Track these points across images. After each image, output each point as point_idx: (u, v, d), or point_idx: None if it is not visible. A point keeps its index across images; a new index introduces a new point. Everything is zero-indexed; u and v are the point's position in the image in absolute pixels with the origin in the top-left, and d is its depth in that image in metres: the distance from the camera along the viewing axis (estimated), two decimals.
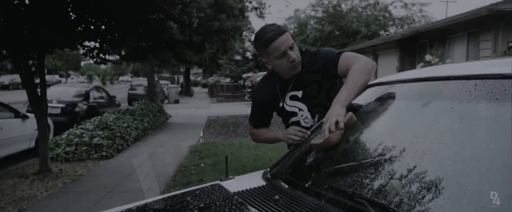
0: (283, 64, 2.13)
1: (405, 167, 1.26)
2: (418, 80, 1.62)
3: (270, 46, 2.09)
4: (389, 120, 1.57)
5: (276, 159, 5.30)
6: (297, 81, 2.24)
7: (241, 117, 15.13)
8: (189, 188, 1.79)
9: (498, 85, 1.21)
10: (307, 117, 2.30)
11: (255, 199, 1.38)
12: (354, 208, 1.16)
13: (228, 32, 13.68)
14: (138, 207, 1.52)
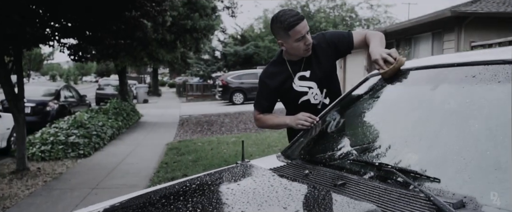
0: (300, 46, 2.35)
1: (419, 141, 1.44)
2: (419, 68, 1.81)
3: (292, 30, 2.28)
4: (397, 104, 1.75)
5: (257, 154, 5.43)
6: (306, 62, 2.46)
7: (214, 115, 15.21)
8: (220, 168, 1.91)
9: (500, 69, 1.41)
10: (316, 94, 2.52)
11: (288, 174, 1.53)
12: (383, 176, 1.32)
13: (201, 31, 13.70)
14: (179, 185, 1.63)
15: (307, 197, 1.24)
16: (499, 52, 1.63)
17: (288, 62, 2.49)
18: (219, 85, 20.40)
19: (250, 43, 26.84)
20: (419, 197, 1.13)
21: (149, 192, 1.64)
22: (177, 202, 1.34)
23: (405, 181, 1.24)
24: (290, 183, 1.40)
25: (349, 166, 1.49)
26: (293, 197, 1.24)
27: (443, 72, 1.62)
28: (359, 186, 1.29)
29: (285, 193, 1.28)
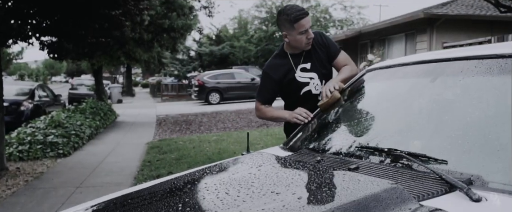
0: (303, 39, 2.53)
1: (422, 128, 1.57)
2: (414, 63, 1.95)
3: (298, 23, 2.47)
4: (398, 95, 1.88)
5: (240, 151, 5.49)
6: (306, 55, 2.64)
7: (191, 115, 15.19)
8: (230, 158, 1.99)
9: (495, 62, 1.55)
10: (317, 84, 2.68)
11: (302, 159, 1.63)
12: (393, 161, 1.44)
13: (178, 30, 13.68)
14: (199, 172, 1.70)
15: (330, 177, 1.34)
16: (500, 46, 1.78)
17: (290, 55, 2.65)
18: (195, 85, 20.36)
19: (225, 43, 26.86)
20: (430, 176, 1.25)
21: (172, 179, 1.71)
22: (205, 187, 1.42)
23: (415, 163, 1.36)
24: (309, 166, 1.50)
25: (358, 152, 1.60)
26: (318, 177, 1.34)
27: (440, 66, 1.75)
28: (372, 169, 1.40)
29: (308, 175, 1.38)
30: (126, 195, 1.69)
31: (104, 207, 1.57)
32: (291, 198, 1.15)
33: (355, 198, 1.09)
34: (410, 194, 1.12)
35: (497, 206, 1.07)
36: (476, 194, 1.10)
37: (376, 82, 2.06)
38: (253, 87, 20.47)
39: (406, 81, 1.88)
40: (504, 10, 5.54)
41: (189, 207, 1.25)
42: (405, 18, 13.46)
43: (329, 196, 1.16)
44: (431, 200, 1.12)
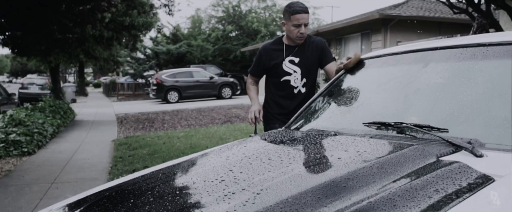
0: (294, 32, 2.92)
1: (417, 99, 1.84)
2: (403, 52, 2.23)
3: (294, 15, 2.88)
4: (392, 79, 2.14)
5: (211, 145, 5.69)
6: (298, 50, 3.02)
7: (152, 113, 15.07)
8: (256, 135, 2.18)
9: (477, 50, 1.84)
10: (298, 79, 3.07)
11: (318, 136, 1.85)
12: (401, 132, 1.68)
13: (139, 28, 13.58)
14: (232, 149, 1.88)
15: (356, 144, 1.56)
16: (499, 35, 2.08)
17: (285, 46, 3.03)
18: (153, 83, 20.15)
19: (183, 42, 26.72)
20: (438, 141, 1.51)
21: (207, 154, 1.87)
22: (251, 160, 1.61)
23: (420, 133, 1.61)
24: (331, 139, 1.73)
25: (367, 127, 1.84)
26: (345, 145, 1.56)
27: (430, 54, 2.03)
28: (387, 138, 1.64)
29: (335, 144, 1.61)
30: (144, 177, 1.82)
31: (120, 189, 1.67)
32: (335, 160, 1.37)
33: (387, 156, 1.33)
34: (429, 152, 1.36)
35: (495, 159, 1.34)
36: (479, 151, 1.37)
37: (370, 69, 2.32)
38: (212, 86, 20.59)
39: (400, 68, 2.15)
40: (457, 12, 6.04)
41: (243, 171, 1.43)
42: (361, 19, 14.08)
43: (365, 156, 1.39)
44: (444, 157, 1.37)
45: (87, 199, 1.62)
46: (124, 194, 1.56)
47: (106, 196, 1.59)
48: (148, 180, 1.64)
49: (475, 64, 1.82)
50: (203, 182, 1.38)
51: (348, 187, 1.16)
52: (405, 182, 1.17)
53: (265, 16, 28.46)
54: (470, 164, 1.28)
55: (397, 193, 1.10)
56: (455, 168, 1.24)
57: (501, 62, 1.77)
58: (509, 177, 1.19)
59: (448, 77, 1.87)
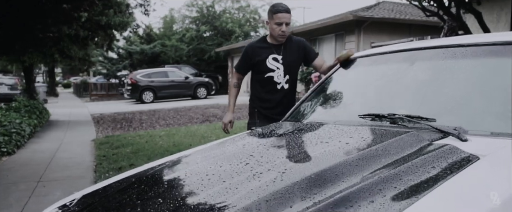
0: (276, 30, 3.17)
1: (406, 93, 2.08)
2: (392, 52, 2.46)
3: (276, 14, 3.14)
4: (383, 75, 2.37)
5: (196, 143, 5.86)
6: (281, 49, 3.28)
7: (128, 113, 15.02)
8: (257, 129, 2.36)
9: (457, 50, 2.09)
10: (280, 75, 3.30)
11: (322, 126, 2.05)
12: (394, 122, 1.91)
13: (115, 27, 13.52)
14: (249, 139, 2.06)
15: (357, 131, 1.78)
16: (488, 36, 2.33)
17: (269, 44, 3.28)
18: (127, 83, 20.02)
19: (157, 42, 26.60)
20: (428, 129, 1.74)
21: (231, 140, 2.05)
22: (266, 147, 1.80)
23: (411, 123, 1.84)
24: (334, 127, 1.93)
25: (362, 118, 2.06)
26: (348, 133, 1.77)
27: (416, 53, 2.28)
28: (385, 128, 1.86)
29: (338, 132, 1.82)
30: (169, 163, 1.99)
31: (152, 173, 1.84)
32: (344, 144, 1.58)
33: (389, 140, 1.55)
34: (423, 137, 1.59)
35: (477, 142, 1.57)
36: (464, 136, 1.61)
37: (362, 67, 2.55)
38: (187, 86, 20.61)
39: (389, 65, 2.39)
40: (429, 14, 6.39)
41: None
42: (335, 20, 14.46)
43: (369, 141, 1.60)
44: (436, 142, 1.60)
45: (122, 181, 1.77)
46: (160, 176, 1.72)
47: (140, 179, 1.75)
48: (176, 165, 1.81)
49: (456, 63, 2.07)
50: (229, 166, 1.56)
51: (359, 166, 1.37)
52: (407, 160, 1.40)
53: (239, 17, 28.66)
54: (458, 146, 1.51)
55: (401, 169, 1.32)
56: (447, 149, 1.47)
57: (478, 60, 2.03)
58: (491, 156, 1.43)
59: (433, 74, 2.12)
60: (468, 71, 2.00)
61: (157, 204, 1.38)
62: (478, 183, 1.29)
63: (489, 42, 2.09)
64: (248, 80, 3.52)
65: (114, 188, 1.76)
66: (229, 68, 24.17)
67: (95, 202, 1.67)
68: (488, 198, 1.18)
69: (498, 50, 2.02)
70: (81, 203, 1.71)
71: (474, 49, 2.06)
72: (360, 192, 1.19)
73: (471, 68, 1.99)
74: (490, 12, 7.33)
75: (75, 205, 1.70)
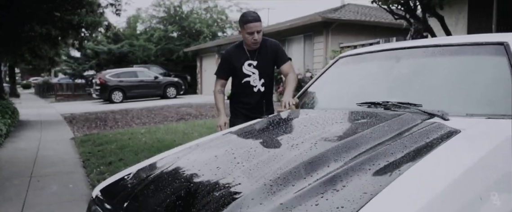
0: (249, 39, 3.36)
1: (394, 85, 2.51)
2: (382, 51, 2.90)
3: (247, 24, 3.31)
4: (371, 71, 2.80)
5: (178, 140, 6.20)
6: (257, 55, 3.49)
7: (100, 113, 15.00)
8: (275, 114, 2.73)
9: (435, 49, 2.54)
10: (256, 79, 3.54)
11: (330, 111, 2.45)
12: (387, 108, 2.33)
13: (87, 27, 13.50)
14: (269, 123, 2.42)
15: (361, 114, 2.18)
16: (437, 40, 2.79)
17: (244, 50, 3.49)
18: (96, 83, 19.87)
19: (125, 42, 26.42)
20: (417, 112, 2.16)
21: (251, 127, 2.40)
22: (293, 127, 2.17)
23: (403, 107, 2.27)
24: (342, 112, 2.33)
25: (360, 105, 2.48)
26: (359, 115, 2.18)
27: (400, 52, 2.72)
28: (384, 112, 2.28)
29: (350, 114, 2.22)
30: (205, 144, 2.33)
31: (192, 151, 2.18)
32: (357, 123, 1.98)
33: (391, 119, 1.96)
34: (415, 117, 2.02)
35: (457, 121, 2.00)
36: (446, 116, 2.04)
37: (353, 64, 2.98)
38: (156, 86, 20.68)
39: (377, 62, 2.82)
40: (397, 17, 6.95)
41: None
42: (304, 21, 14.99)
43: (376, 120, 2.01)
44: (426, 120, 2.03)
45: (162, 161, 2.10)
46: (195, 155, 2.06)
47: (179, 159, 2.08)
48: (215, 142, 2.16)
49: (434, 59, 2.53)
50: (267, 142, 1.93)
51: (373, 138, 1.77)
52: (408, 133, 1.81)
53: (207, 17, 28.88)
54: (443, 123, 1.94)
55: (405, 139, 1.74)
56: (436, 125, 1.90)
57: (452, 58, 2.49)
58: (468, 130, 1.86)
59: (416, 69, 2.57)
60: (445, 66, 2.46)
61: (203, 174, 1.73)
62: (462, 147, 1.72)
63: (460, 43, 2.57)
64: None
65: (159, 166, 2.08)
66: (198, 68, 24.37)
67: (149, 176, 1.99)
68: (469, 156, 1.61)
69: (467, 50, 2.50)
70: (137, 176, 2.03)
71: (449, 48, 2.52)
72: (378, 155, 1.59)
73: (447, 64, 2.45)
74: (450, 16, 7.99)
75: (132, 178, 2.01)
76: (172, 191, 1.68)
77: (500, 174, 1.63)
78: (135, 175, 2.06)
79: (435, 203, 1.32)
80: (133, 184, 1.96)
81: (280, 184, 1.48)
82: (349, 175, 1.48)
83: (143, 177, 1.98)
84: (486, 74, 2.33)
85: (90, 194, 4.64)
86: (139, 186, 1.87)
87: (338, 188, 1.41)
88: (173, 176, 1.86)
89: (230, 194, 1.47)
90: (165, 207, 1.57)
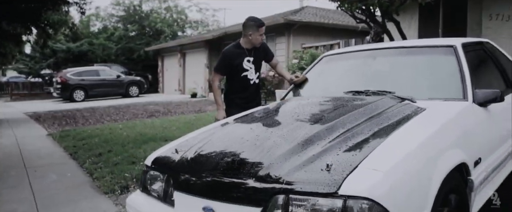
0: (259, 39, 4.03)
1: (373, 78, 3.22)
2: (360, 51, 3.61)
3: (260, 28, 3.98)
4: (353, 66, 3.50)
5: (159, 134, 6.77)
6: (253, 52, 4.12)
7: (64, 111, 14.97)
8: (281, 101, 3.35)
9: (406, 50, 3.28)
10: (253, 73, 4.17)
11: (325, 98, 3.11)
12: (369, 95, 3.02)
13: (53, 25, 13.54)
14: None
15: (348, 99, 2.86)
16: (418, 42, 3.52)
17: (244, 49, 4.10)
18: (57, 82, 19.66)
19: (84, 40, 26.11)
20: (393, 97, 2.87)
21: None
22: (309, 107, 2.81)
23: (381, 94, 2.97)
24: (335, 98, 3.00)
25: (346, 94, 3.15)
26: (350, 99, 2.85)
27: (376, 52, 3.43)
28: (368, 97, 2.96)
29: (342, 99, 2.89)
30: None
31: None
32: (350, 103, 2.65)
33: (375, 102, 2.65)
34: (392, 100, 2.72)
35: (422, 103, 2.72)
36: (414, 100, 2.76)
37: (336, 61, 3.67)
38: (119, 85, 20.73)
39: (357, 60, 3.53)
40: (358, 21, 7.77)
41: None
42: (267, 23, 15.63)
43: (363, 102, 2.69)
44: (400, 102, 2.73)
45: (204, 134, 2.68)
46: (230, 128, 2.65)
47: (218, 131, 2.67)
48: (233, 126, 2.77)
49: (403, 58, 3.26)
50: (286, 118, 2.57)
51: (365, 113, 2.45)
52: (389, 110, 2.51)
53: (167, 17, 29.06)
54: (413, 104, 2.66)
55: (388, 114, 2.43)
56: (408, 105, 2.61)
57: (416, 56, 3.24)
58: (431, 108, 2.58)
59: (388, 65, 3.29)
60: (412, 64, 3.20)
61: (247, 140, 2.34)
62: (428, 119, 2.43)
63: (422, 45, 3.32)
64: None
65: (200, 139, 2.66)
66: (159, 67, 24.55)
67: (192, 146, 2.56)
68: (433, 125, 2.32)
69: (427, 50, 3.26)
70: (184, 146, 2.59)
71: (414, 49, 3.28)
72: (372, 124, 2.27)
73: (413, 62, 3.19)
74: (403, 20, 8.93)
75: (179, 149, 2.58)
76: (222, 155, 2.27)
77: (454, 137, 2.36)
78: (180, 147, 2.62)
79: (412, 154, 2.01)
80: (182, 153, 2.52)
81: (309, 144, 2.12)
82: (355, 136, 2.15)
83: (189, 147, 2.55)
84: (441, 69, 3.09)
85: (90, 182, 5.13)
86: (189, 154, 2.44)
87: (349, 144, 2.07)
88: (218, 144, 2.45)
89: (276, 150, 2.10)
90: (220, 166, 2.15)
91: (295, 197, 1.84)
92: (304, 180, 1.85)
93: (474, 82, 2.85)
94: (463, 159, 2.29)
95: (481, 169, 2.57)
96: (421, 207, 1.93)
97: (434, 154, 2.11)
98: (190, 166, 2.30)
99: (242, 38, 4.12)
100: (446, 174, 2.08)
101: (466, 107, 2.69)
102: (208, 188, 2.09)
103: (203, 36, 19.90)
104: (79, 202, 4.34)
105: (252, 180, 1.96)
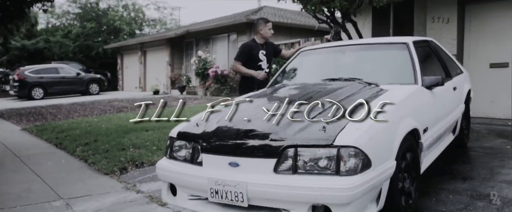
0: (270, 33, 5.00)
1: (344, 68, 4.02)
2: (332, 46, 4.40)
3: (268, 23, 4.96)
4: (326, 59, 4.28)
5: (140, 125, 7.39)
6: (266, 46, 5.04)
7: (27, 108, 14.93)
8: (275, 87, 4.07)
9: (374, 46, 4.10)
10: (265, 63, 5.08)
11: (307, 84, 3.86)
12: (344, 81, 3.80)
13: (16, 22, 13.50)
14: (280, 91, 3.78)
15: (329, 85, 3.63)
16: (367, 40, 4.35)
17: (258, 44, 5.01)
18: (14, 80, 19.36)
19: (40, 38, 25.59)
20: (361, 83, 3.66)
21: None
22: (300, 90, 3.55)
23: (351, 81, 3.76)
24: (315, 84, 3.76)
25: (324, 81, 3.92)
26: (328, 84, 3.61)
27: (346, 47, 4.24)
28: (342, 83, 3.74)
29: (323, 85, 3.65)
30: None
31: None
32: (328, 87, 3.42)
33: (347, 86, 3.43)
34: (361, 85, 3.52)
35: (384, 86, 3.53)
36: (378, 85, 3.57)
37: (312, 55, 4.45)
38: (79, 82, 20.68)
39: (330, 54, 4.31)
40: (320, 22, 8.63)
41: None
42: (229, 22, 16.40)
43: (337, 86, 3.46)
44: (367, 86, 3.53)
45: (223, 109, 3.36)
46: (245, 103, 3.34)
47: (235, 105, 3.35)
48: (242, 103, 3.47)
49: (367, 52, 4.09)
50: (292, 95, 3.30)
51: (339, 94, 3.22)
52: (361, 91, 3.30)
53: (125, 15, 29.00)
54: (378, 87, 3.47)
55: (358, 95, 3.22)
56: (374, 88, 3.42)
57: (377, 51, 4.07)
58: (391, 90, 3.39)
59: (356, 59, 4.10)
60: (373, 56, 4.02)
61: (263, 109, 3.05)
62: (390, 97, 3.24)
63: (381, 42, 4.16)
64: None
65: (218, 114, 3.32)
66: (119, 65, 24.59)
67: (214, 118, 3.22)
68: (394, 100, 3.13)
69: (385, 46, 4.10)
70: (205, 119, 3.25)
71: (375, 45, 4.11)
72: (352, 99, 3.05)
73: (377, 55, 4.02)
74: (359, 21, 9.90)
75: (201, 122, 3.24)
76: (241, 124, 2.96)
77: (409, 109, 3.19)
78: (202, 120, 3.27)
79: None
80: (203, 126, 3.19)
81: (306, 114, 2.86)
82: (340, 108, 2.92)
83: (208, 122, 3.21)
84: (397, 61, 3.93)
85: (86, 166, 5.64)
86: (211, 126, 3.11)
87: (337, 114, 2.83)
88: (234, 117, 3.13)
89: (283, 119, 2.83)
90: (241, 132, 2.84)
91: (301, 149, 2.57)
92: (307, 137, 2.59)
93: (422, 71, 3.71)
94: (415, 125, 3.12)
95: (428, 136, 3.42)
96: (388, 157, 2.73)
97: (396, 119, 2.91)
98: (215, 134, 2.97)
99: (255, 35, 5.13)
100: (404, 134, 2.89)
101: (417, 89, 3.54)
102: (234, 148, 2.78)
103: (165, 34, 20.25)
104: (86, 181, 4.87)
105: (268, 140, 2.68)
